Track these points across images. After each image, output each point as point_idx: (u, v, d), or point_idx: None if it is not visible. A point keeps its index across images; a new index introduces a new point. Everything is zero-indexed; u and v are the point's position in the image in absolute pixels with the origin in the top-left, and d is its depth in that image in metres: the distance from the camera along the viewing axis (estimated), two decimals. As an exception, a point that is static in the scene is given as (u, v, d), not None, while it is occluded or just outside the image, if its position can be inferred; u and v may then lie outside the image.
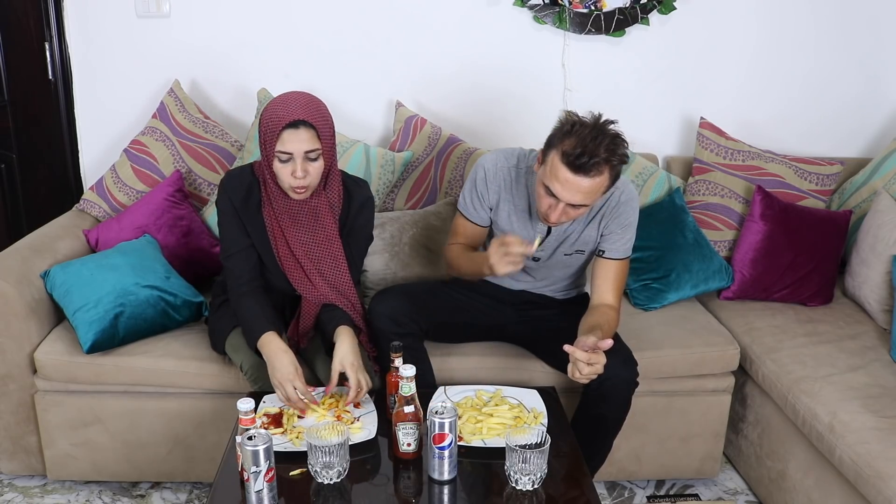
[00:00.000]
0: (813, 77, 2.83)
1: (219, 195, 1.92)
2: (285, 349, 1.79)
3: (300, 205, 1.88)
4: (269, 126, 1.78)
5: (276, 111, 1.77)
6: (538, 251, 1.98)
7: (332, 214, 1.91)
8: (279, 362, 1.75)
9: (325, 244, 1.92)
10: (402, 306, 1.96)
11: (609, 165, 1.72)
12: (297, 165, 1.77)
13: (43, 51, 2.75)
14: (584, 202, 1.76)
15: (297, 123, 1.75)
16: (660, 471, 2.27)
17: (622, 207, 1.93)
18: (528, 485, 1.50)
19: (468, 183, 2.02)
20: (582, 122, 1.73)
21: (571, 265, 2.06)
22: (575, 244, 1.99)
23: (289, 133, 1.75)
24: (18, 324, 2.05)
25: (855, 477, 1.75)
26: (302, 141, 1.76)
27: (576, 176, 1.71)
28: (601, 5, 2.68)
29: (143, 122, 2.65)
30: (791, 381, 2.03)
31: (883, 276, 2.30)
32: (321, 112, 1.80)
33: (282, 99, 1.81)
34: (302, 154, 1.77)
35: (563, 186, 1.73)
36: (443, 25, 2.70)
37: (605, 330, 1.84)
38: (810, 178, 2.61)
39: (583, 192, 1.73)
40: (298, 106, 1.77)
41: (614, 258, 1.96)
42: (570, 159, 1.69)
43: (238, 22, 2.66)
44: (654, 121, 2.83)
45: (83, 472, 2.18)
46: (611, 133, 1.72)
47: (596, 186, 1.73)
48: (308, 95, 1.82)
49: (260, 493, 1.42)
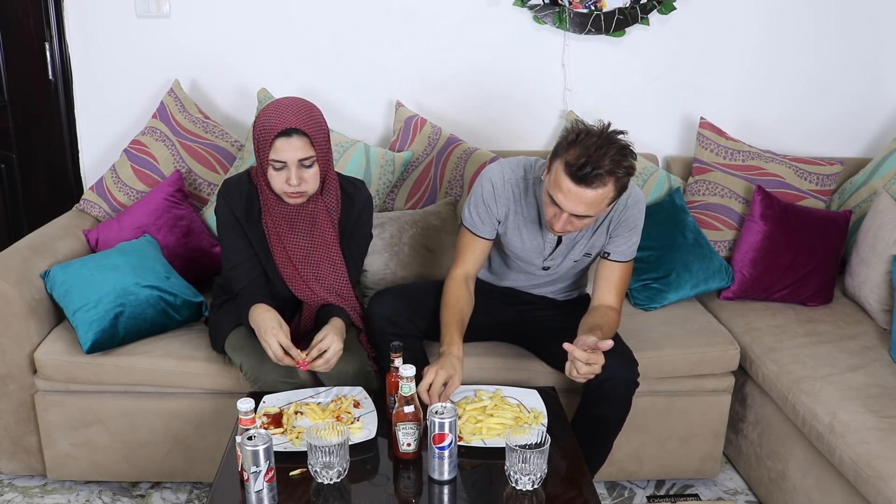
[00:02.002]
0: (813, 77, 2.83)
1: (218, 205, 1.91)
2: (268, 309, 1.82)
3: (297, 210, 1.88)
4: (261, 134, 1.77)
5: (268, 119, 1.76)
6: (548, 261, 1.98)
7: (329, 219, 1.91)
8: (261, 319, 1.78)
9: (324, 249, 1.92)
10: (399, 307, 1.95)
11: (614, 177, 1.68)
12: (291, 173, 1.77)
13: (43, 51, 2.75)
14: (587, 213, 1.73)
15: (289, 132, 1.74)
16: (660, 471, 2.27)
17: (630, 210, 1.91)
18: (528, 485, 1.50)
19: (473, 197, 1.96)
20: (588, 132, 1.70)
21: (578, 268, 2.06)
22: (584, 249, 1.98)
23: (282, 141, 1.75)
24: (18, 324, 2.05)
25: (855, 477, 1.75)
26: (295, 149, 1.75)
27: (578, 187, 1.68)
28: (601, 5, 2.68)
29: (143, 122, 2.65)
30: (791, 381, 2.03)
31: (883, 276, 2.30)
32: (314, 118, 1.79)
33: (274, 106, 1.79)
34: (296, 162, 1.77)
35: (566, 197, 1.71)
36: (443, 25, 2.70)
37: (605, 331, 1.83)
38: (810, 178, 2.61)
39: (586, 203, 1.70)
40: (291, 113, 1.76)
41: (619, 261, 1.95)
42: (573, 170, 1.67)
43: (238, 22, 2.66)
44: (654, 121, 2.83)
45: (83, 472, 2.18)
46: (618, 144, 1.68)
47: (599, 198, 1.70)
48: (301, 101, 1.81)
49: (260, 493, 1.42)
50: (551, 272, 2.03)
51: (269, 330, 1.77)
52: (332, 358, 1.77)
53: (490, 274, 2.13)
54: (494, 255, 2.10)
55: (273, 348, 1.75)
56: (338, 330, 1.83)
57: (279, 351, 1.75)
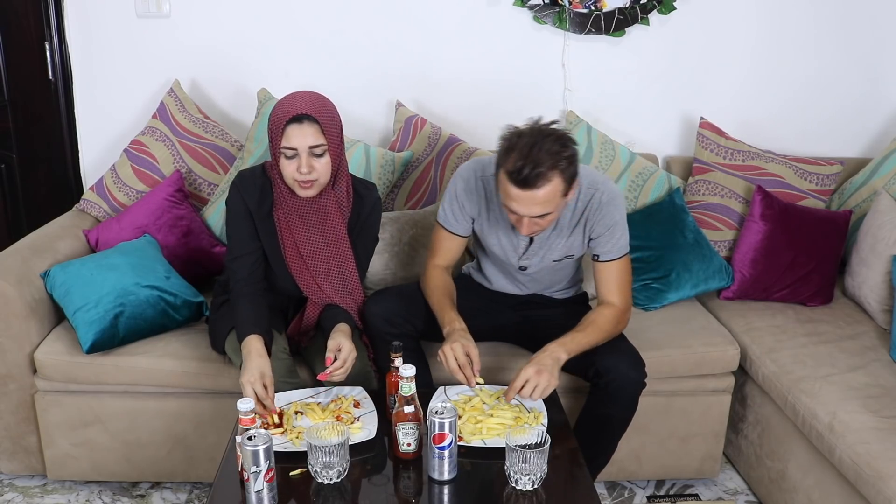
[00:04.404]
0: (813, 77, 2.83)
1: (231, 195, 1.91)
2: (261, 353, 1.77)
3: (309, 203, 1.88)
4: (274, 122, 1.78)
5: (281, 107, 1.79)
6: (523, 260, 1.98)
7: (340, 213, 1.91)
8: (250, 363, 1.74)
9: (334, 243, 1.92)
10: (396, 307, 1.96)
11: (557, 170, 1.66)
12: (301, 161, 1.78)
13: (43, 51, 2.75)
14: (544, 211, 1.72)
15: (300, 118, 1.76)
16: (660, 471, 2.27)
17: (605, 209, 1.88)
18: (528, 485, 1.50)
19: (447, 194, 1.98)
20: (520, 134, 1.69)
21: (563, 268, 2.05)
22: (563, 250, 1.97)
23: (293, 128, 1.76)
24: (18, 324, 2.05)
25: (855, 477, 1.75)
26: (306, 136, 1.76)
27: (525, 191, 1.67)
28: (601, 5, 2.68)
29: (144, 121, 2.65)
30: (791, 381, 2.03)
31: (883, 276, 2.30)
32: (326, 108, 1.81)
33: (288, 97, 1.82)
34: (306, 149, 1.77)
35: (518, 203, 1.71)
36: (443, 25, 2.70)
37: (597, 323, 1.86)
38: (810, 178, 2.61)
39: (538, 203, 1.70)
40: (303, 101, 1.78)
41: (609, 259, 1.93)
42: (515, 177, 1.66)
43: (238, 22, 2.66)
44: (654, 121, 2.83)
45: (83, 472, 2.18)
46: (552, 135, 1.67)
47: (550, 195, 1.69)
48: (315, 93, 1.83)
49: (260, 493, 1.42)
50: (530, 273, 2.02)
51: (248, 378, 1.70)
52: (350, 366, 1.78)
53: (482, 276, 2.14)
54: (482, 258, 2.11)
55: (247, 393, 1.69)
56: (349, 336, 1.83)
57: (252, 396, 1.67)
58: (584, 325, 1.86)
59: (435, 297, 1.94)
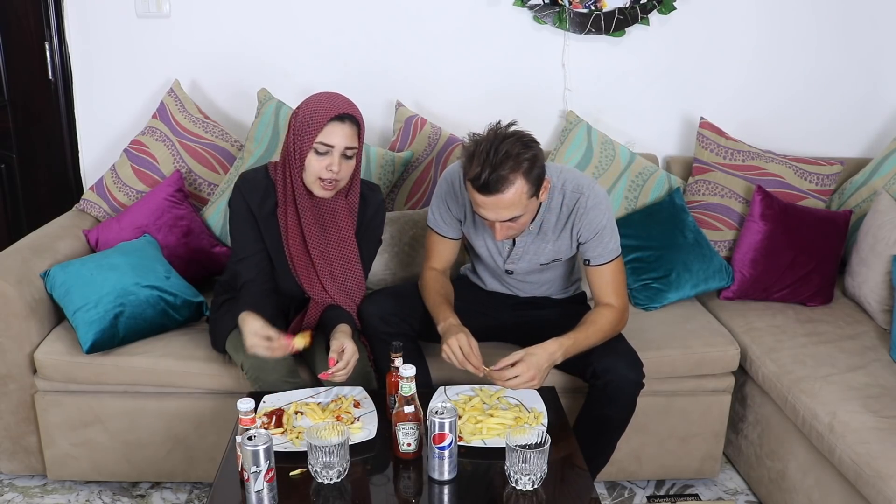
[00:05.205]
0: (813, 77, 2.83)
1: (234, 197, 1.91)
2: (253, 317, 1.79)
3: (322, 204, 1.89)
4: (312, 117, 1.78)
5: (319, 104, 1.79)
6: (509, 264, 1.98)
7: (350, 217, 1.92)
8: (245, 329, 1.77)
9: (340, 245, 1.93)
10: (392, 307, 1.96)
11: (520, 172, 1.65)
12: (334, 159, 1.79)
13: (43, 51, 2.75)
14: (512, 215, 1.72)
15: (343, 117, 1.78)
16: (660, 471, 2.27)
17: (590, 214, 1.87)
18: (528, 485, 1.50)
19: (435, 198, 1.98)
20: (478, 141, 1.68)
21: (554, 271, 2.04)
22: (550, 254, 1.96)
23: (334, 125, 1.78)
24: (18, 324, 2.05)
25: (855, 477, 1.75)
26: (345, 136, 1.79)
27: (490, 196, 1.67)
28: (601, 5, 2.68)
29: (143, 122, 2.65)
30: (791, 381, 2.03)
31: (883, 276, 2.30)
32: (360, 114, 1.84)
33: (325, 95, 1.83)
34: (342, 148, 1.79)
35: (486, 209, 1.71)
36: (443, 25, 2.70)
37: (598, 323, 1.86)
38: (810, 178, 2.61)
39: (504, 207, 1.69)
40: (344, 102, 1.81)
41: (601, 264, 1.92)
42: (477, 184, 1.66)
43: (238, 22, 2.66)
44: (654, 121, 2.83)
45: (83, 472, 2.19)
46: (511, 137, 1.66)
47: (516, 197, 1.68)
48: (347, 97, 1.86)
49: (260, 493, 1.42)
50: (518, 277, 2.03)
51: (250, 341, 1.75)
52: (353, 367, 1.79)
53: (478, 278, 2.14)
54: (474, 260, 2.12)
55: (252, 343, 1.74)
56: (350, 337, 1.84)
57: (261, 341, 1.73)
58: (585, 325, 1.86)
59: (430, 298, 1.95)
